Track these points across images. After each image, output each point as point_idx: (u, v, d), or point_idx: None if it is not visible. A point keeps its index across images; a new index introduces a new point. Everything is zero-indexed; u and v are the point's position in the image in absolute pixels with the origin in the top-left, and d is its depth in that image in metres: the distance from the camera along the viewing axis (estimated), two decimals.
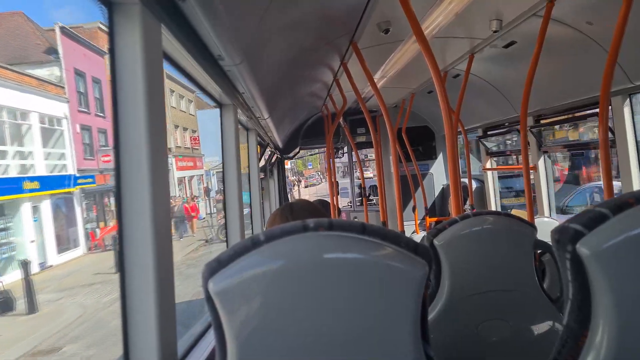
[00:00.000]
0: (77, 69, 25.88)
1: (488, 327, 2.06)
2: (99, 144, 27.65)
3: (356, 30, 3.56)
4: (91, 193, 26.39)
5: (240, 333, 1.03)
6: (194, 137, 39.58)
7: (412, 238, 1.10)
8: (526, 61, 3.74)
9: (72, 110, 25.14)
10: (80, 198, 25.34)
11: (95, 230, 25.78)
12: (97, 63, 27.81)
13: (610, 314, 0.92)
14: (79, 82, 26.46)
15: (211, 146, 39.32)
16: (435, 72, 2.89)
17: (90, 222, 26.02)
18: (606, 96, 3.10)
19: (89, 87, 27.33)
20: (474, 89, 5.59)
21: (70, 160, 24.84)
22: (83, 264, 22.32)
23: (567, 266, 0.96)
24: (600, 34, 3.59)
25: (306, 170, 56.62)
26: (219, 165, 39.21)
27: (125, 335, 1.40)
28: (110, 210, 27.57)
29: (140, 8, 1.35)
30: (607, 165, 3.20)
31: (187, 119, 39.16)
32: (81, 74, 26.40)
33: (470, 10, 3.31)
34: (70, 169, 24.77)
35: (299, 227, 1.05)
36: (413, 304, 1.05)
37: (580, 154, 7.08)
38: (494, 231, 2.09)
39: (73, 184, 24.54)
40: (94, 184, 26.02)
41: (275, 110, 4.85)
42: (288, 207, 2.02)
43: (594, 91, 4.00)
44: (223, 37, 2.00)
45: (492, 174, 7.48)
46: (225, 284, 1.03)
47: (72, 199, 24.82)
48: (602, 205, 0.96)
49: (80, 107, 26.30)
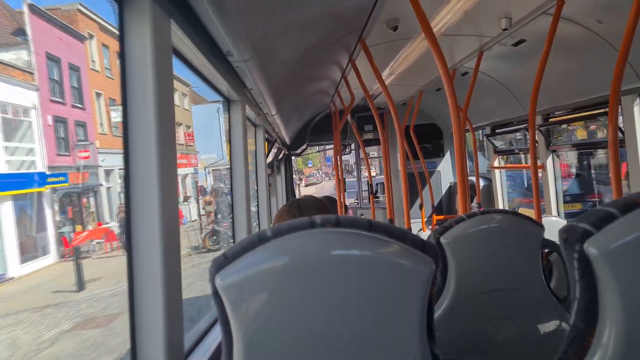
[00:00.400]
0: (50, 53, 22.90)
1: (494, 325, 2.06)
2: (76, 138, 24.83)
3: (365, 28, 3.56)
4: (68, 193, 23.66)
5: (247, 328, 1.03)
6: (188, 133, 37.06)
7: (419, 236, 1.10)
8: (535, 59, 3.72)
9: (42, 99, 22.27)
10: (51, 199, 22.34)
11: (70, 235, 22.69)
12: (76, 48, 25.16)
13: (618, 314, 0.92)
14: (53, 68, 23.47)
15: (207, 143, 37.44)
16: (444, 69, 2.88)
17: (67, 226, 23.12)
18: (616, 95, 3.08)
19: (64, 75, 24.34)
20: (482, 86, 5.57)
21: (40, 156, 21.94)
22: (46, 278, 19.21)
23: (575, 266, 0.96)
24: (611, 33, 3.56)
25: (306, 169, 55.34)
26: (215, 162, 37.56)
27: (133, 331, 1.41)
28: (91, 213, 25.34)
29: (150, 4, 1.35)
30: (616, 165, 3.18)
31: (181, 113, 36.73)
32: (55, 59, 23.50)
33: (480, 8, 3.30)
34: (40, 166, 21.91)
35: (306, 223, 1.06)
36: (419, 302, 1.05)
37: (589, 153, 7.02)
38: (501, 230, 2.09)
39: (41, 183, 21.56)
40: (67, 182, 23.01)
41: (283, 107, 4.85)
42: (295, 203, 2.02)
43: (603, 90, 3.97)
44: (232, 33, 2.01)
45: (499, 172, 7.45)
46: (232, 279, 1.03)
47: (41, 200, 21.87)
48: (610, 204, 0.95)
49: (54, 97, 23.34)
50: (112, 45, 28.31)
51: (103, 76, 28.24)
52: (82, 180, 24.47)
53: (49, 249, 21.71)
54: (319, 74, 5.21)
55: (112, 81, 28.61)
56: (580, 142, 5.91)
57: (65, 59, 24.17)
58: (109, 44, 28.29)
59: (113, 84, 28.54)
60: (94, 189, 25.97)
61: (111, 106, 28.15)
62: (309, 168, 55.90)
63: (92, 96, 26.98)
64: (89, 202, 25.59)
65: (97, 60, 27.86)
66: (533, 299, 2.08)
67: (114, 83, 28.49)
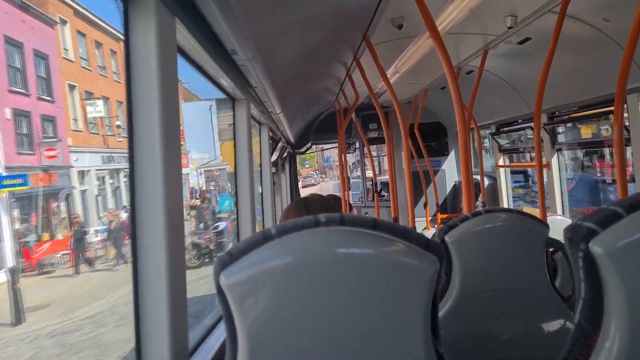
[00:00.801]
0: (9, 37, 19.88)
1: (499, 324, 2.06)
2: (41, 134, 21.42)
3: (369, 26, 3.55)
4: (33, 197, 20.20)
5: (251, 326, 1.03)
6: (181, 131, 35.81)
7: (423, 234, 1.10)
8: (541, 58, 3.71)
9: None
10: (9, 204, 18.58)
11: (32, 246, 19.21)
12: (44, 34, 22.10)
13: (623, 314, 0.91)
14: (13, 54, 20.49)
15: (199, 143, 35.22)
16: (449, 68, 2.88)
17: (32, 235, 19.74)
18: (622, 94, 3.07)
19: (28, 62, 21.12)
20: (487, 85, 5.56)
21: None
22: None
23: (580, 265, 0.96)
24: (617, 31, 3.55)
25: (303, 169, 52.91)
26: (208, 163, 35.97)
27: (138, 329, 1.42)
28: (62, 219, 21.72)
29: (156, 3, 1.35)
30: (622, 164, 3.17)
31: None
32: (16, 44, 20.52)
33: (485, 6, 3.29)
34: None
35: (310, 221, 1.06)
36: (424, 300, 1.05)
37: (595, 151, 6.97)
38: (505, 228, 2.08)
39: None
40: (26, 185, 19.17)
41: (287, 105, 4.85)
42: (302, 201, 2.02)
43: (609, 89, 3.95)
44: (237, 31, 2.01)
45: (504, 171, 7.44)
46: (236, 277, 1.03)
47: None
48: (615, 203, 0.95)
49: (14, 87, 20.18)
50: (90, 33, 26.29)
51: (78, 67, 25.36)
52: (49, 182, 21.10)
53: (4, 263, 17.40)
54: (323, 72, 5.21)
55: (88, 73, 26.17)
56: (585, 141, 5.89)
57: (29, 44, 21.06)
58: (86, 31, 25.94)
59: (90, 75, 26.27)
60: (65, 192, 22.60)
61: (87, 100, 25.56)
62: (306, 169, 54.21)
63: (64, 88, 23.85)
64: (59, 207, 22.06)
65: (71, 49, 24.83)
66: (538, 298, 2.07)
67: (90, 75, 26.38)
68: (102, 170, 26.38)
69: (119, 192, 27.88)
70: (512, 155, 7.52)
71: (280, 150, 8.11)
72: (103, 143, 26.75)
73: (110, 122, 27.76)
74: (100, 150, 26.25)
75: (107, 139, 27.12)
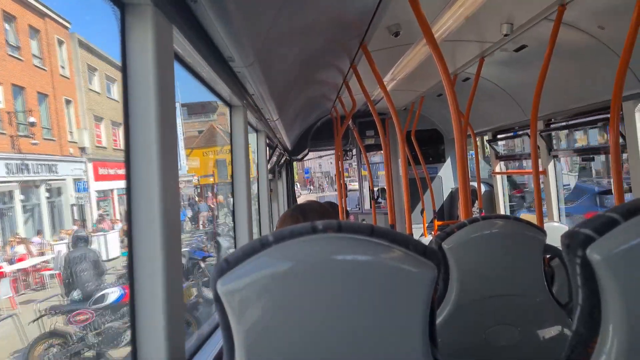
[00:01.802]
0: None
1: (496, 331, 2.05)
2: None
3: (366, 33, 3.56)
4: None
5: (248, 334, 1.03)
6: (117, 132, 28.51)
7: (421, 241, 1.10)
8: (537, 65, 3.73)
9: None
10: None
11: None
12: None
13: (621, 321, 0.91)
14: None
15: None
16: (445, 75, 2.89)
17: None
18: (617, 101, 3.09)
19: None
20: (483, 92, 5.58)
21: None
22: None
23: (577, 271, 0.96)
24: (612, 39, 3.57)
25: None
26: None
27: (134, 337, 1.41)
28: None
29: (153, 9, 1.36)
30: (618, 170, 3.18)
31: (106, 103, 27.67)
32: None
33: (481, 14, 3.31)
34: None
35: (307, 228, 1.05)
36: (421, 307, 1.05)
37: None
38: (502, 235, 2.08)
39: None
40: None
41: (284, 112, 4.86)
42: (299, 208, 2.02)
43: (605, 96, 3.98)
44: (234, 38, 2.01)
45: (501, 177, 7.45)
46: (233, 284, 1.03)
47: None
48: (613, 210, 0.95)
49: None
50: (20, 15, 21.06)
51: None
52: None
53: None
54: (320, 79, 5.22)
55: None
56: (581, 148, 5.91)
57: None
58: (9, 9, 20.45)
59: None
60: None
61: None
62: None
63: None
64: None
65: None
66: (535, 305, 2.07)
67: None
68: (6, 184, 19.44)
69: (37, 213, 21.35)
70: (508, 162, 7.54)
71: (277, 157, 8.11)
72: (11, 146, 19.94)
73: (24, 118, 20.82)
74: (4, 156, 19.37)
75: (18, 141, 20.28)
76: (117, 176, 25.96)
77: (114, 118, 27.48)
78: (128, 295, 4.94)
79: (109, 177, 25.95)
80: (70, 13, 26.87)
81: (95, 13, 29.95)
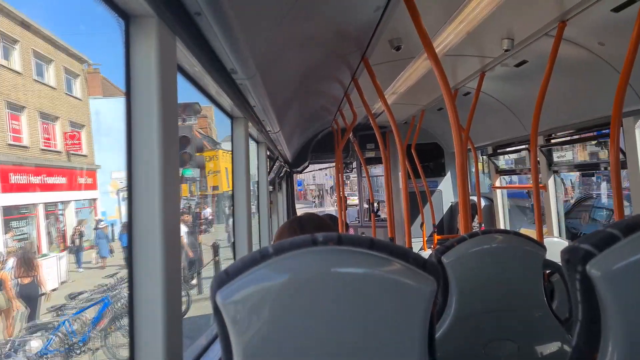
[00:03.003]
0: None
1: (495, 346, 2.04)
2: None
3: (368, 47, 3.58)
4: None
5: (247, 345, 1.03)
6: (71, 134, 23.74)
7: (420, 255, 1.10)
8: (537, 80, 3.75)
9: None
10: None
11: None
12: None
13: (620, 336, 0.91)
14: None
15: (121, 155, 20.62)
16: (446, 89, 2.90)
17: None
18: (618, 117, 3.10)
19: None
20: (484, 107, 5.59)
21: None
22: None
23: (577, 287, 0.96)
24: (612, 55, 3.59)
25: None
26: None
27: (132, 348, 1.40)
28: None
29: (157, 21, 1.37)
30: (618, 186, 3.18)
31: (62, 101, 22.84)
32: None
33: (482, 29, 3.33)
34: None
35: (308, 240, 1.05)
36: (421, 321, 1.05)
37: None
38: (502, 250, 2.08)
39: None
40: None
41: (285, 124, 4.87)
42: (297, 220, 2.02)
43: (605, 111, 3.99)
44: (237, 51, 2.02)
45: (501, 192, 7.45)
46: (233, 296, 1.03)
47: None
48: (612, 226, 0.95)
49: None
50: None
51: None
52: None
53: None
54: (321, 92, 5.24)
55: None
56: (581, 163, 5.92)
57: None
58: None
59: None
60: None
61: None
62: None
63: None
64: None
65: None
66: (534, 320, 2.07)
67: None
68: None
69: None
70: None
71: (278, 168, 8.12)
72: None
73: None
74: None
75: None
76: (47, 185, 20.07)
77: (44, 109, 21.29)
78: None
79: (29, 188, 19.48)
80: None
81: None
